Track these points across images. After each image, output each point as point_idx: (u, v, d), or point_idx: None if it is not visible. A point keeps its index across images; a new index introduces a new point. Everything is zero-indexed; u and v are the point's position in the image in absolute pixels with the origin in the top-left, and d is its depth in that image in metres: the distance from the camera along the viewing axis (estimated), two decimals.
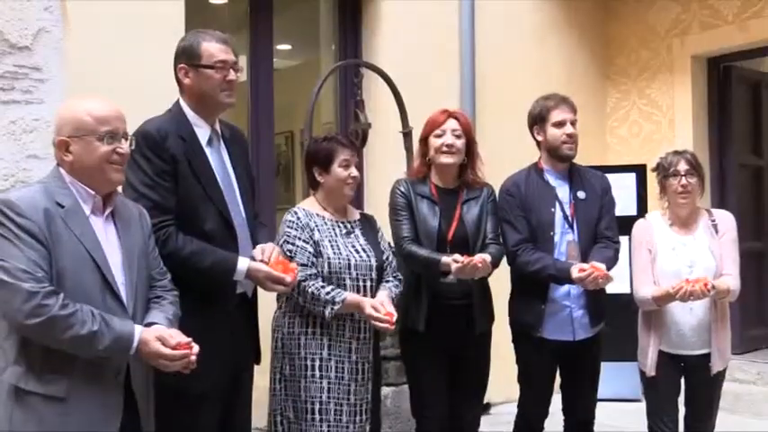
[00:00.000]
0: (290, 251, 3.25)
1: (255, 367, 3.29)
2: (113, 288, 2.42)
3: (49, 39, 4.46)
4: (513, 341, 3.87)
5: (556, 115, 3.76)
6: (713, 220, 3.77)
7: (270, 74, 5.72)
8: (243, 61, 6.01)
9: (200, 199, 2.91)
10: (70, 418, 2.32)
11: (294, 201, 6.35)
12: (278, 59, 6.47)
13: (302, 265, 3.20)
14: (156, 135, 2.87)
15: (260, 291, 3.19)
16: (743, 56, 6.80)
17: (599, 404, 4.03)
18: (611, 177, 4.11)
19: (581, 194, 3.79)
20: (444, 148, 3.65)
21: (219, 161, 3.03)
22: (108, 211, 2.51)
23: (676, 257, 3.64)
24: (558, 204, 3.76)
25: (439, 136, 3.66)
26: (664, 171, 3.74)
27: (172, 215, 2.83)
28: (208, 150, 3.00)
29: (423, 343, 3.61)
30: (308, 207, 3.43)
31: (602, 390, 4.13)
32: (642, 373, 3.78)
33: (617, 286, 3.86)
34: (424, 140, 3.73)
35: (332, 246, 3.30)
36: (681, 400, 3.79)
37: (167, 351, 2.37)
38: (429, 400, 3.64)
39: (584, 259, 3.66)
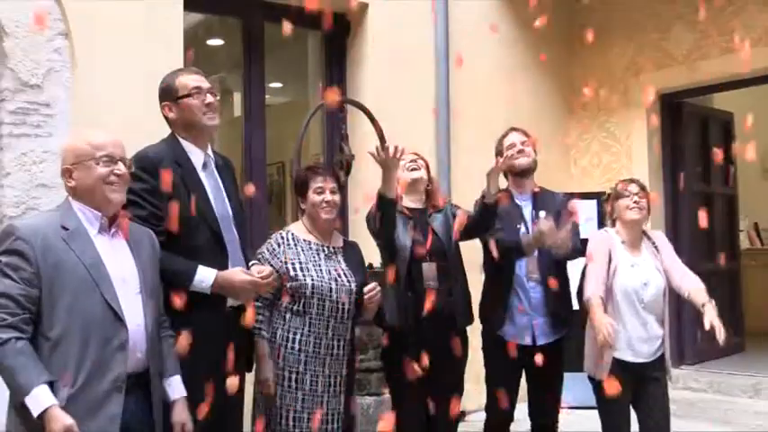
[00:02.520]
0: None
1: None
2: (111, 305, 2.39)
3: (57, 77, 4.46)
4: (482, 343, 3.85)
5: (506, 141, 3.91)
6: (653, 242, 3.77)
7: (262, 109, 5.72)
8: (237, 98, 6.03)
9: (194, 218, 2.89)
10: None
11: (285, 225, 6.32)
12: (269, 96, 6.47)
13: None
14: (154, 157, 2.88)
15: None
16: (692, 93, 6.85)
17: (567, 411, 4.01)
18: None
19: (542, 214, 3.80)
20: (409, 164, 3.72)
21: (213, 184, 3.03)
22: (114, 229, 2.52)
23: (634, 274, 3.62)
24: (523, 223, 3.77)
25: (401, 160, 3.65)
26: (615, 195, 3.74)
27: (158, 231, 2.78)
28: (202, 174, 3.00)
29: (404, 346, 3.55)
30: (296, 231, 3.41)
31: (569, 397, 4.11)
32: (593, 383, 3.67)
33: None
34: None
35: (315, 268, 3.26)
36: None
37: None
38: (406, 408, 3.58)
39: (544, 278, 3.68)
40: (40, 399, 2.21)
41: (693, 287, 3.62)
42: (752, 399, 5.93)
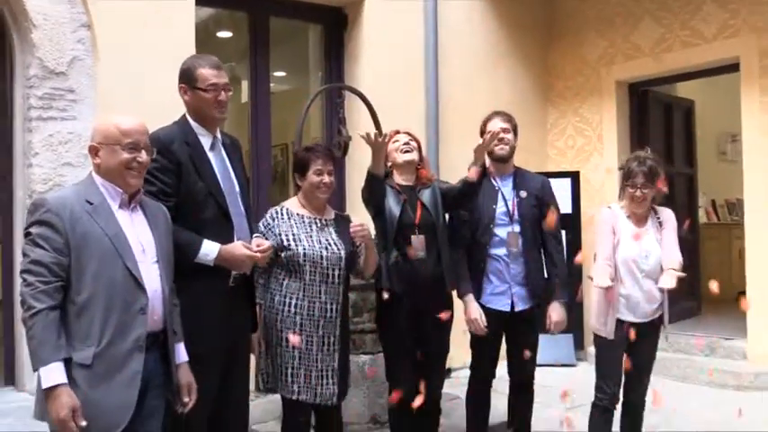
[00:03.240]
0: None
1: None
2: (133, 273, 2.39)
3: (81, 65, 4.44)
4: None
5: (490, 126, 3.81)
6: (658, 218, 3.75)
7: (267, 96, 5.71)
8: (244, 85, 6.01)
9: (202, 193, 2.89)
10: (97, 381, 2.30)
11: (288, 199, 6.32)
12: (274, 84, 6.46)
13: None
14: (165, 139, 2.86)
15: None
16: (657, 82, 6.84)
17: (540, 368, 4.03)
18: (550, 182, 4.08)
19: (522, 194, 3.79)
20: (403, 147, 3.68)
21: (220, 163, 3.01)
22: (134, 204, 2.51)
23: (636, 246, 3.62)
24: (501, 201, 3.76)
25: (396, 141, 3.69)
26: (626, 177, 3.67)
27: (167, 206, 2.77)
28: (210, 154, 2.98)
29: (396, 311, 3.55)
30: (290, 206, 3.39)
31: (543, 356, 4.14)
32: (597, 338, 3.70)
33: None
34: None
35: (307, 239, 3.25)
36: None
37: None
38: (399, 365, 3.61)
39: (525, 250, 3.69)
40: (52, 374, 2.21)
41: (669, 259, 3.63)
42: (707, 357, 6.00)
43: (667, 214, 3.79)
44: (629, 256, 3.61)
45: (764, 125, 5.76)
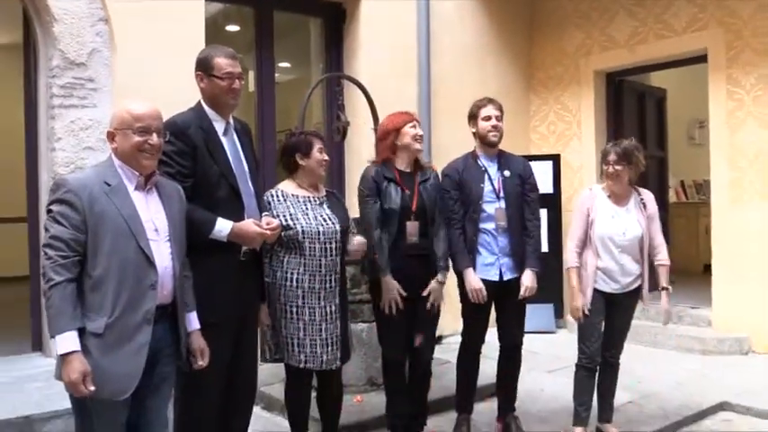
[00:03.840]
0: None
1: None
2: (145, 251, 2.37)
3: (99, 57, 4.43)
4: (458, 280, 3.80)
5: (484, 112, 3.78)
6: (641, 198, 3.77)
7: (272, 85, 5.69)
8: (251, 76, 5.98)
9: (215, 175, 2.88)
10: (107, 350, 2.29)
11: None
12: (279, 74, 6.43)
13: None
14: (181, 124, 2.85)
15: None
16: (632, 72, 6.83)
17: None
18: (533, 164, 4.08)
19: (506, 173, 3.79)
20: (418, 137, 3.62)
21: (232, 147, 2.99)
22: (150, 186, 2.49)
23: (613, 223, 3.64)
24: (487, 181, 3.77)
25: (414, 127, 3.61)
26: (603, 157, 3.72)
27: (184, 186, 2.76)
28: (223, 139, 2.96)
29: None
30: (284, 188, 3.35)
31: (526, 324, 4.14)
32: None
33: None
34: (396, 131, 3.60)
35: (303, 217, 3.23)
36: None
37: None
38: (392, 333, 3.60)
39: (510, 223, 3.71)
40: (66, 342, 2.21)
41: (661, 263, 3.75)
42: (675, 324, 6.04)
43: (650, 198, 3.81)
44: (605, 233, 3.63)
45: (730, 112, 5.77)
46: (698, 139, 9.47)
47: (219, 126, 2.96)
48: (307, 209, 3.28)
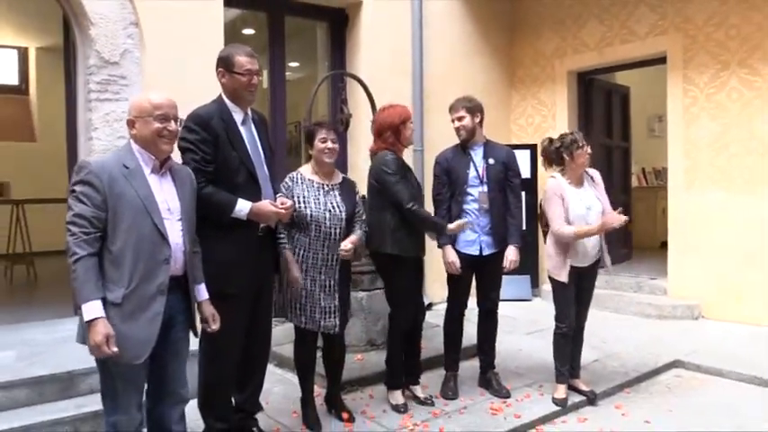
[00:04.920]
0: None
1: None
2: (159, 229, 2.33)
3: (131, 56, 4.38)
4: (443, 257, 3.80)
5: (452, 114, 3.78)
6: (591, 176, 3.77)
7: (283, 82, 5.64)
8: (264, 74, 5.92)
9: (235, 161, 2.85)
10: (125, 318, 2.26)
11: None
12: (289, 73, 6.38)
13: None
14: (204, 115, 2.82)
15: None
16: (600, 71, 6.77)
17: (503, 302, 4.05)
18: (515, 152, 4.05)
19: (491, 161, 3.77)
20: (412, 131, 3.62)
21: (250, 136, 2.96)
22: (164, 170, 2.43)
23: (581, 204, 3.62)
24: (472, 167, 3.75)
25: (411, 123, 3.59)
26: (574, 145, 3.61)
27: (207, 171, 2.76)
28: (242, 128, 2.93)
29: (399, 259, 3.52)
30: (303, 172, 3.32)
31: (505, 293, 4.15)
32: (553, 281, 3.69)
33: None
34: (402, 123, 3.54)
35: (314, 201, 3.21)
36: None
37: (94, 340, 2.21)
38: (402, 297, 3.58)
39: (492, 205, 3.69)
40: (92, 310, 2.18)
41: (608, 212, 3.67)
42: (635, 293, 6.06)
43: (597, 174, 3.81)
44: (578, 214, 3.61)
45: (686, 108, 5.74)
46: (657, 131, 9.42)
47: (238, 117, 2.93)
48: (318, 194, 3.25)
